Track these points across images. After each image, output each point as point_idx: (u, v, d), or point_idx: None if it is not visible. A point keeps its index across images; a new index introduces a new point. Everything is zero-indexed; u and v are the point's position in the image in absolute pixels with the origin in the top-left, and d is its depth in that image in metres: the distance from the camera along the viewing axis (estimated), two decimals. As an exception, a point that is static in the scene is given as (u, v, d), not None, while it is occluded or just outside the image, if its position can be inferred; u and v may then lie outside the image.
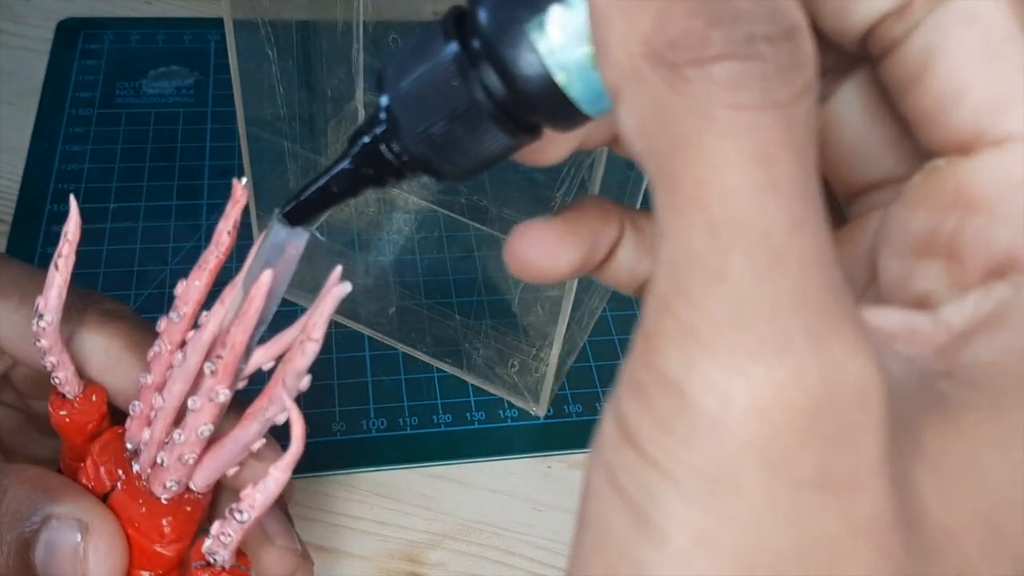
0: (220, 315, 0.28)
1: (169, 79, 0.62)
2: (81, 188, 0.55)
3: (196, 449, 0.28)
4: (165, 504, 0.29)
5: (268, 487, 0.27)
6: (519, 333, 0.49)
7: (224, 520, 0.28)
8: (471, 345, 0.48)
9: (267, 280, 0.26)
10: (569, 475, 0.46)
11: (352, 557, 0.42)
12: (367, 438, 0.46)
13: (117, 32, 0.65)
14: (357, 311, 0.50)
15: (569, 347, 0.48)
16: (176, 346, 0.29)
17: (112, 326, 0.31)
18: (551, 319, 0.48)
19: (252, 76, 0.42)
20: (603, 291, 0.52)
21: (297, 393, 0.27)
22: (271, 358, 0.28)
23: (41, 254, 0.51)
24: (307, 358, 0.26)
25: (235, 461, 0.29)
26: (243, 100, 0.42)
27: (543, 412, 0.47)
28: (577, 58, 0.16)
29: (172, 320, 0.29)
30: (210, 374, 0.27)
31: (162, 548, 0.29)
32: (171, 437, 0.28)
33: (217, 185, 0.56)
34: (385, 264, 0.52)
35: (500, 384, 0.48)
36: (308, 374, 0.26)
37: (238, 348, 0.27)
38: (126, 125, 0.59)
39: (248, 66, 0.42)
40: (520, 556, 0.42)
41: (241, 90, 0.42)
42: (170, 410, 0.28)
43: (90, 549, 0.28)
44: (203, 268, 0.29)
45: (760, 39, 0.14)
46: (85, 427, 0.31)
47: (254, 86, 0.42)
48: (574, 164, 0.37)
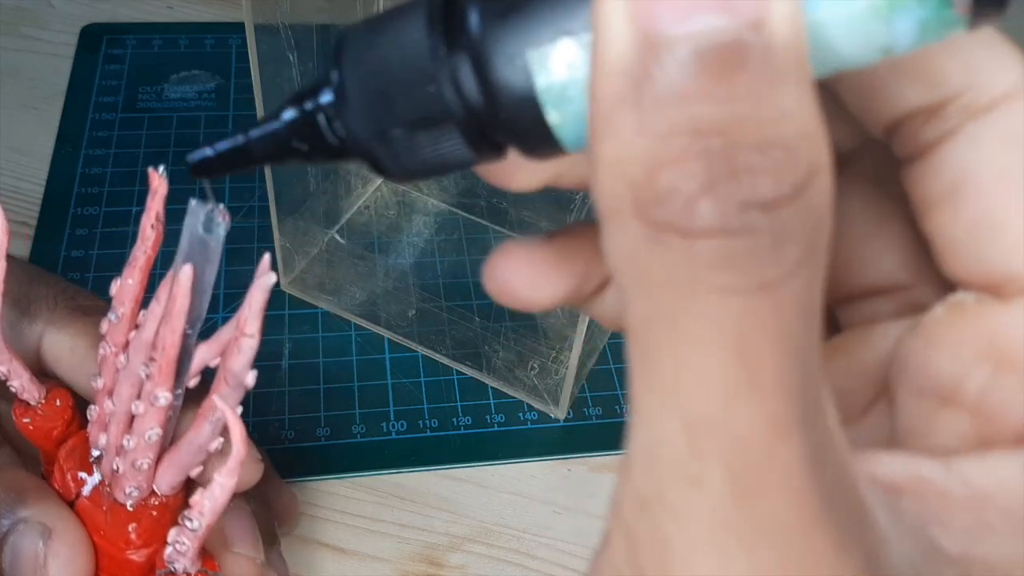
0: (157, 314, 0.27)
1: (191, 83, 0.63)
2: (104, 192, 0.55)
3: (148, 454, 0.28)
4: (130, 510, 0.29)
5: (215, 494, 0.26)
6: (539, 335, 0.49)
7: (179, 528, 0.27)
8: (491, 347, 0.48)
9: (187, 276, 0.25)
10: (589, 478, 0.45)
11: (372, 559, 0.42)
12: (387, 440, 0.46)
13: (139, 37, 0.66)
14: (378, 314, 0.50)
15: (589, 349, 0.48)
16: (120, 347, 0.28)
17: (79, 323, 0.30)
18: (571, 321, 0.48)
19: (272, 80, 0.42)
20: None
21: (243, 390, 0.26)
22: (215, 355, 0.27)
23: (65, 257, 0.51)
24: (244, 355, 0.26)
25: (195, 463, 0.28)
26: (264, 104, 0.42)
27: (563, 415, 0.47)
28: (575, 105, 0.14)
29: (112, 321, 0.28)
30: (147, 377, 0.27)
31: (132, 554, 0.29)
32: (123, 443, 0.28)
33: (238, 188, 0.56)
34: (405, 266, 0.52)
35: (520, 387, 0.48)
36: (253, 370, 0.26)
37: (169, 350, 0.26)
38: (148, 129, 0.59)
39: (269, 70, 0.42)
40: (540, 559, 0.42)
41: (262, 94, 0.42)
42: (122, 414, 0.28)
43: (50, 555, 0.27)
44: (133, 266, 0.28)
45: (756, 207, 0.12)
46: (51, 433, 0.30)
47: (275, 89, 0.43)
48: None
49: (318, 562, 0.41)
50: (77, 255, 0.52)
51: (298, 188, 0.48)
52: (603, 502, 0.45)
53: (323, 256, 0.52)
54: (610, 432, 0.47)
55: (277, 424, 0.45)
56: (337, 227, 0.53)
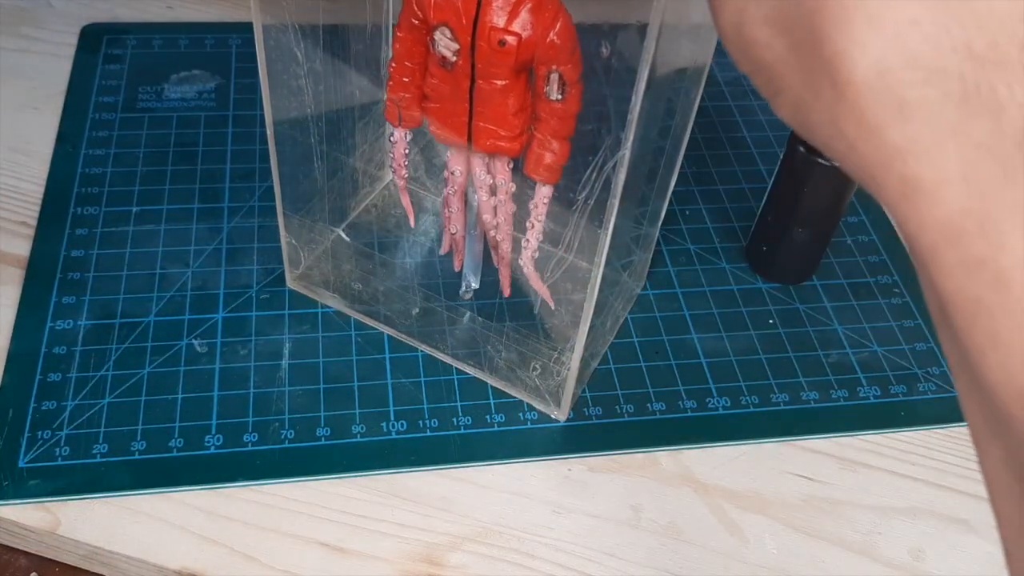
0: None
1: (191, 83, 0.63)
2: (104, 192, 0.55)
3: None
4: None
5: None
6: (540, 336, 0.49)
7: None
8: (492, 348, 0.48)
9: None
10: (589, 478, 0.45)
11: (372, 559, 0.42)
12: (387, 440, 0.46)
13: (139, 37, 0.66)
14: (380, 312, 0.50)
15: (592, 351, 0.48)
16: None
17: None
18: (573, 322, 0.48)
19: (279, 77, 0.42)
20: (627, 296, 0.52)
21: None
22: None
23: (65, 257, 0.51)
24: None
25: None
26: (271, 100, 0.42)
27: (564, 416, 0.47)
28: None
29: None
30: None
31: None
32: None
33: (238, 188, 0.56)
34: (409, 265, 0.52)
35: (522, 387, 0.48)
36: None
37: None
38: (148, 129, 0.59)
39: (276, 67, 0.42)
40: (540, 559, 0.42)
41: (269, 90, 0.42)
42: None
43: None
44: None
45: None
46: None
47: (281, 87, 0.43)
48: (597, 167, 0.37)
49: (318, 562, 0.41)
50: (77, 255, 0.52)
51: (305, 185, 0.48)
52: (603, 502, 0.45)
53: (328, 253, 0.52)
54: (610, 432, 0.47)
55: (277, 424, 0.45)
56: (343, 225, 0.53)
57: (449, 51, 0.36)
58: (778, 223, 0.53)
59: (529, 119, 0.38)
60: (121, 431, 0.44)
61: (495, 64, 0.36)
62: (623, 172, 0.35)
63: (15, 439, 0.44)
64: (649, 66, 0.32)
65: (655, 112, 0.40)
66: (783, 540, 0.44)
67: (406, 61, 0.39)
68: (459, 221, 0.44)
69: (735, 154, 0.63)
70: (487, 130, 0.39)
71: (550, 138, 0.38)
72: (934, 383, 0.51)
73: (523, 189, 0.41)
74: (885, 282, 0.56)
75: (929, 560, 0.44)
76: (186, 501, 0.43)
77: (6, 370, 0.46)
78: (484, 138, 0.39)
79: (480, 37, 0.35)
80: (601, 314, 0.47)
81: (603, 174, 0.37)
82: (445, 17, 0.36)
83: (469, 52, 0.36)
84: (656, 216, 0.49)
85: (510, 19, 0.35)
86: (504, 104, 0.37)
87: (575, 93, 0.37)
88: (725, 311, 0.53)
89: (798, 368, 0.51)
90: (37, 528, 0.41)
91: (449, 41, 0.36)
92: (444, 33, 0.36)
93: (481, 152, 0.40)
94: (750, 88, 0.68)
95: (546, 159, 0.39)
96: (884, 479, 0.47)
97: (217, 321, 0.50)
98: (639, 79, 0.32)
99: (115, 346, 0.48)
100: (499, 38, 0.35)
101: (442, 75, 0.38)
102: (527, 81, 0.37)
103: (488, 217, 0.43)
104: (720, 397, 0.49)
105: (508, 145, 0.39)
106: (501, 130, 0.38)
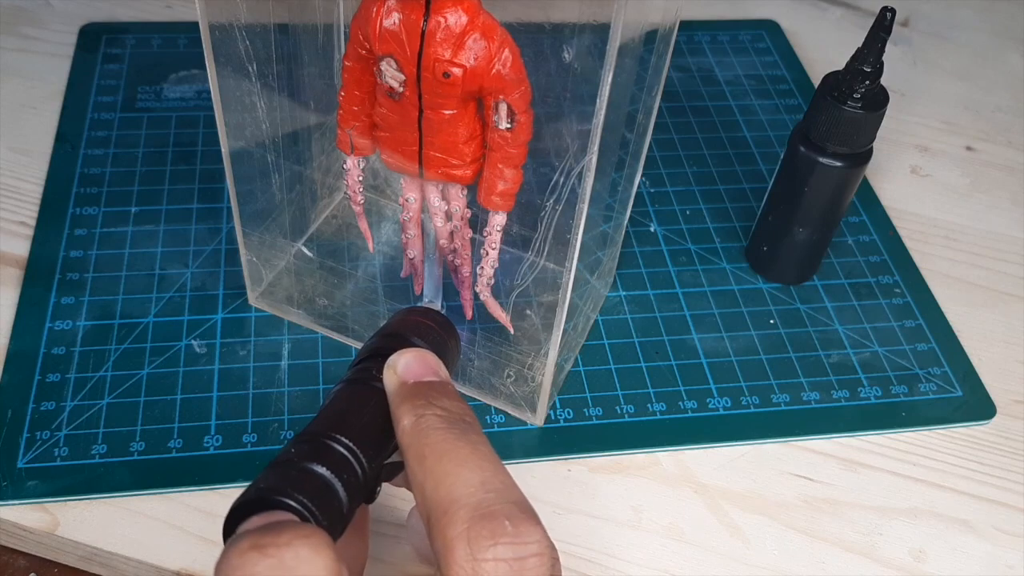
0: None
1: (190, 83, 0.63)
2: (103, 192, 0.55)
3: None
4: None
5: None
6: (512, 342, 0.48)
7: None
8: (464, 356, 0.47)
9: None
10: (589, 478, 0.45)
11: (374, 561, 0.42)
12: (387, 441, 0.45)
13: (138, 36, 0.66)
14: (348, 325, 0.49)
15: (565, 356, 0.48)
16: None
17: None
18: (545, 326, 0.47)
19: (233, 88, 0.41)
20: (596, 298, 0.52)
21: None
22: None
23: (64, 257, 0.51)
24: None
25: None
26: (224, 116, 0.42)
27: (540, 421, 0.47)
28: None
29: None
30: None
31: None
32: None
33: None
34: (374, 273, 0.51)
35: (497, 395, 0.47)
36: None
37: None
38: (147, 129, 0.59)
39: (227, 76, 0.41)
40: (540, 560, 0.42)
41: (220, 100, 0.41)
42: None
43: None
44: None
45: None
46: None
47: (234, 102, 0.42)
48: (564, 172, 0.37)
49: (318, 563, 0.41)
50: (76, 255, 0.52)
51: (262, 200, 0.47)
52: (603, 502, 0.44)
53: (290, 268, 0.51)
54: (610, 432, 0.47)
55: (277, 424, 0.45)
56: (304, 238, 0.52)
57: (396, 82, 0.36)
58: (779, 223, 0.53)
59: (481, 147, 0.38)
60: (120, 432, 0.44)
61: (441, 95, 0.36)
62: (590, 177, 0.35)
63: (14, 440, 0.44)
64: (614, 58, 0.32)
65: (620, 100, 0.39)
66: (784, 541, 0.44)
67: (355, 90, 0.39)
68: (416, 246, 0.44)
69: (736, 154, 0.63)
70: (438, 159, 0.38)
71: (502, 166, 0.38)
72: (935, 383, 0.51)
73: (481, 213, 0.41)
74: (886, 282, 0.56)
75: (930, 561, 0.44)
76: (185, 502, 0.43)
77: (5, 370, 0.46)
78: (435, 167, 0.39)
79: (425, 68, 0.35)
80: (572, 317, 0.47)
81: (570, 179, 0.36)
82: (390, 49, 0.35)
83: (416, 83, 0.36)
84: (624, 205, 0.48)
85: (455, 51, 0.34)
86: (454, 133, 0.37)
87: (525, 121, 0.37)
88: (726, 311, 0.53)
89: (799, 368, 0.51)
90: (36, 529, 0.41)
91: (395, 72, 0.36)
92: (390, 64, 0.36)
93: (433, 180, 0.40)
94: (751, 88, 0.68)
95: (498, 187, 0.39)
96: (885, 480, 0.47)
97: (216, 322, 0.49)
98: (603, 82, 0.32)
99: (114, 347, 0.48)
100: (443, 70, 0.35)
101: (390, 105, 0.37)
102: (476, 110, 0.37)
103: (445, 242, 0.43)
104: (721, 397, 0.49)
105: (460, 173, 0.39)
106: (452, 159, 0.38)
